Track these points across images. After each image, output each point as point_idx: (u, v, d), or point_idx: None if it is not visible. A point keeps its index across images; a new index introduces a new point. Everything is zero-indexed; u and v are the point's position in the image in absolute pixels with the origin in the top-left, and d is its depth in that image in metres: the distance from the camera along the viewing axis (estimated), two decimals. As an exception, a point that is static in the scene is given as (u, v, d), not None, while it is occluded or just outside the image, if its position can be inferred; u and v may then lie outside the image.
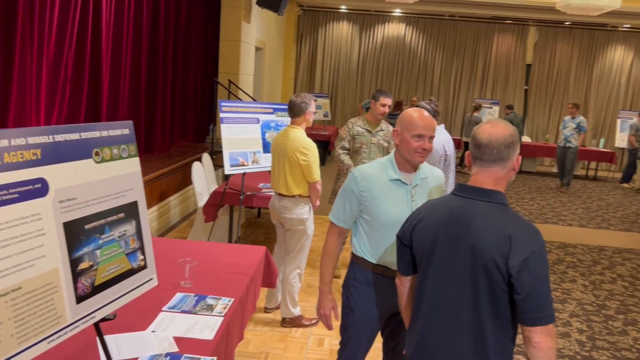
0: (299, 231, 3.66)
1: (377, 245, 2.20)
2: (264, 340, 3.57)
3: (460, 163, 11.70)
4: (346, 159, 4.50)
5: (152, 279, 1.89)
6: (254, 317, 3.85)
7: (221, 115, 4.60)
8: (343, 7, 13.50)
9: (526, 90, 14.05)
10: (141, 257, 1.82)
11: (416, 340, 1.75)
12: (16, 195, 1.33)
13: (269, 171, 4.44)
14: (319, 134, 10.58)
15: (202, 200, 5.08)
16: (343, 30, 13.95)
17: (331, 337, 3.62)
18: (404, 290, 1.92)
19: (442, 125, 3.84)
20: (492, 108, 12.71)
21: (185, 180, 6.37)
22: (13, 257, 1.32)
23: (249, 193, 4.68)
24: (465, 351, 1.62)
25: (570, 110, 9.83)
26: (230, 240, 4.90)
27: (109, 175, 1.68)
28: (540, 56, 13.81)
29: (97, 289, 1.60)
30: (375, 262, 2.21)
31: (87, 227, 1.56)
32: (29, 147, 1.38)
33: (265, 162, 4.80)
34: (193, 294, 2.35)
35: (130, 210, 1.76)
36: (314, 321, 3.79)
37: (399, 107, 10.79)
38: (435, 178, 2.27)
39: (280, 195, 3.68)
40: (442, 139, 3.70)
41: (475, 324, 1.60)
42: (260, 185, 5.04)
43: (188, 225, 6.10)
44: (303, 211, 3.64)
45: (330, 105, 13.11)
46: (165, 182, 5.83)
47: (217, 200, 4.67)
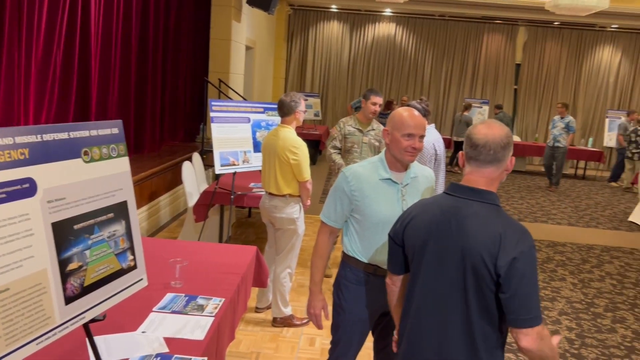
0: (289, 230, 3.66)
1: (368, 245, 2.20)
2: (255, 340, 3.56)
3: (450, 162, 11.74)
4: (337, 159, 4.50)
5: (142, 279, 1.88)
6: (245, 317, 3.85)
7: (211, 114, 4.58)
8: (333, 6, 13.51)
9: (516, 89, 14.14)
10: (131, 257, 1.81)
11: (407, 339, 1.76)
12: (4, 196, 1.32)
13: (260, 171, 4.43)
14: (310, 133, 10.58)
15: (192, 200, 5.06)
16: (334, 29, 13.95)
17: (322, 337, 3.62)
18: (395, 289, 1.92)
19: (433, 125, 3.85)
20: (482, 107, 12.77)
21: (175, 180, 6.34)
22: (1, 258, 1.30)
23: (239, 193, 4.67)
24: (455, 350, 1.63)
25: (560, 110, 9.89)
26: (220, 240, 4.89)
27: (98, 175, 1.67)
28: (530, 56, 13.90)
29: (86, 290, 1.59)
30: (366, 262, 2.22)
31: (76, 227, 1.55)
32: (17, 147, 1.37)
33: (256, 161, 4.79)
34: (183, 294, 2.34)
35: (119, 210, 1.75)
36: (305, 321, 3.79)
37: (389, 106, 10.81)
38: (425, 177, 2.27)
39: (270, 194, 3.68)
40: (433, 139, 3.71)
41: (465, 323, 1.61)
42: (251, 184, 5.03)
43: (178, 225, 6.07)
44: (293, 210, 3.64)
45: (321, 105, 13.12)
46: (155, 181, 5.80)
47: (207, 200, 4.66)
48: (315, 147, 10.83)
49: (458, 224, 1.61)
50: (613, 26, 13.21)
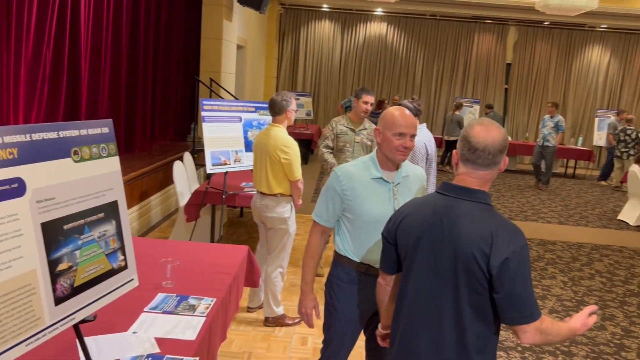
0: (280, 230, 3.65)
1: (360, 244, 2.20)
2: (247, 339, 3.55)
3: (441, 161, 11.78)
4: (330, 158, 4.50)
5: (132, 279, 1.87)
6: (236, 317, 3.84)
7: (203, 113, 4.57)
8: (325, 5, 13.50)
9: (506, 89, 14.21)
10: (121, 257, 1.80)
11: (399, 338, 1.76)
12: (-8, 196, 1.31)
13: (252, 170, 4.42)
14: (302, 132, 10.57)
15: (183, 200, 5.04)
16: (325, 29, 13.95)
17: (314, 336, 3.62)
18: (388, 289, 1.92)
19: (424, 124, 3.86)
20: (472, 107, 12.82)
21: (166, 180, 6.31)
22: (-11, 259, 1.29)
23: (231, 192, 4.66)
24: (448, 350, 1.63)
25: (550, 109, 9.95)
26: (212, 240, 4.87)
27: (88, 174, 1.65)
28: (520, 55, 13.97)
29: (76, 290, 1.58)
30: (358, 261, 2.22)
31: (66, 227, 1.54)
32: (5, 146, 1.35)
33: (248, 161, 4.78)
34: (175, 294, 2.33)
35: (110, 210, 1.74)
36: (297, 320, 3.78)
37: (381, 105, 10.83)
38: (417, 176, 2.28)
39: (261, 194, 3.67)
40: (424, 138, 3.72)
41: (457, 323, 1.61)
42: (243, 184, 5.02)
43: (169, 225, 6.05)
44: (284, 210, 3.63)
45: (313, 104, 13.11)
46: (146, 181, 5.77)
47: (198, 200, 4.64)
48: (307, 146, 10.83)
49: (450, 224, 1.61)
50: (602, 26, 13.31)
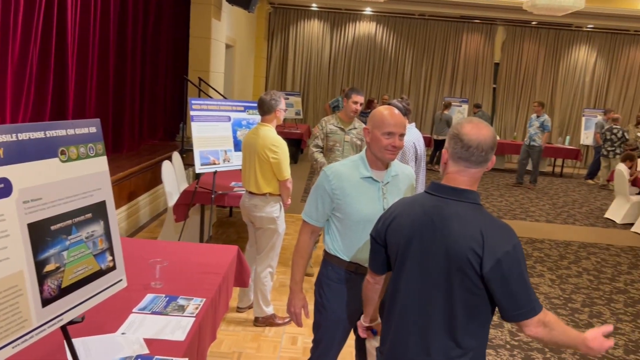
0: (269, 230, 3.65)
1: (349, 243, 2.21)
2: (236, 339, 3.54)
3: (430, 161, 11.82)
4: (320, 157, 4.50)
5: (121, 280, 1.86)
6: (226, 317, 3.83)
7: (191, 113, 4.55)
8: (314, 5, 13.50)
9: (494, 88, 14.30)
10: (110, 258, 1.79)
11: (391, 339, 1.75)
12: (-22, 196, 1.29)
13: (241, 170, 4.41)
14: (291, 132, 10.56)
15: (172, 200, 5.01)
16: (314, 28, 13.94)
17: (304, 336, 3.62)
18: (377, 287, 1.92)
19: (413, 124, 3.87)
20: (461, 106, 12.89)
21: (155, 180, 6.28)
22: (-25, 260, 1.28)
23: (220, 192, 4.64)
24: (438, 351, 1.63)
25: (536, 108, 10.01)
26: (201, 240, 4.85)
27: (76, 174, 1.64)
28: (508, 55, 14.06)
29: (64, 292, 1.57)
30: (348, 260, 2.22)
31: (53, 228, 1.52)
32: (-9, 146, 1.34)
33: (237, 160, 4.76)
34: (164, 295, 2.32)
35: (98, 211, 1.73)
36: (287, 320, 3.78)
37: (370, 105, 10.85)
38: (406, 175, 2.29)
39: (250, 193, 3.66)
40: (413, 137, 3.74)
41: (448, 324, 1.61)
42: (232, 184, 5.00)
43: (158, 225, 6.01)
44: (273, 209, 3.63)
45: (302, 104, 13.11)
46: (134, 181, 5.73)
47: (187, 200, 4.62)
48: (297, 145, 10.82)
49: (441, 225, 1.61)
50: (589, 26, 13.43)
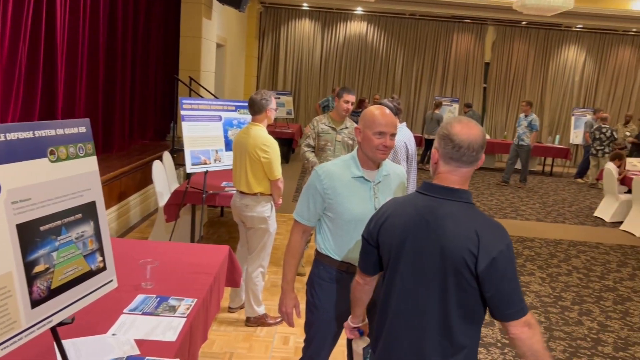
0: (260, 229, 3.64)
1: (341, 243, 2.21)
2: (228, 340, 3.54)
3: (421, 160, 11.85)
4: (311, 157, 4.50)
5: (111, 280, 1.85)
6: (218, 317, 3.82)
7: (182, 112, 4.53)
8: (305, 4, 13.49)
9: (485, 88, 14.37)
10: (100, 258, 1.78)
11: (384, 340, 1.75)
12: (-35, 197, 1.28)
13: (232, 169, 4.39)
14: (283, 131, 10.55)
15: (163, 200, 4.99)
16: (305, 27, 13.93)
17: (296, 335, 3.62)
18: (367, 288, 1.91)
19: (404, 124, 3.88)
20: (452, 106, 12.95)
21: (145, 180, 6.24)
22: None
23: (211, 192, 4.63)
24: (432, 351, 1.64)
25: (524, 108, 10.07)
26: (192, 240, 4.84)
27: (65, 174, 1.63)
28: (498, 55, 14.13)
29: (53, 293, 1.55)
30: (339, 260, 2.22)
31: (42, 228, 1.51)
32: (-21, 147, 1.33)
33: (228, 160, 4.75)
34: (155, 295, 2.30)
35: (88, 211, 1.72)
36: (279, 320, 3.78)
37: (361, 104, 10.86)
38: (397, 175, 2.29)
39: (241, 193, 3.65)
40: (404, 137, 3.74)
41: (443, 323, 1.62)
42: (223, 183, 4.99)
43: (149, 226, 5.98)
44: (265, 209, 3.62)
45: (294, 103, 13.09)
46: (124, 181, 5.70)
47: (178, 200, 4.60)
48: (288, 145, 10.81)
49: (436, 224, 1.61)
50: (578, 26, 13.53)
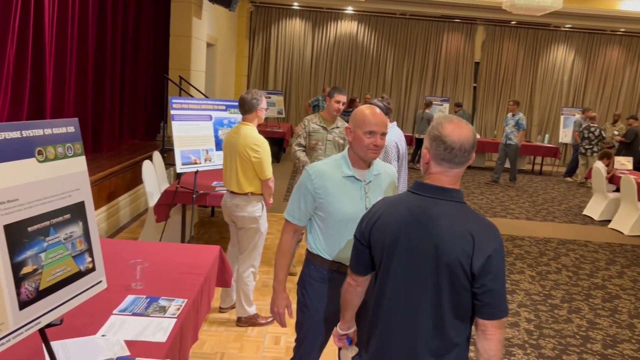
0: (251, 229, 3.63)
1: (332, 242, 2.21)
2: (219, 340, 3.53)
3: (412, 159, 11.89)
4: (302, 156, 4.50)
5: (101, 281, 1.84)
6: (208, 318, 3.80)
7: (172, 112, 4.51)
8: (295, 4, 13.48)
9: (475, 87, 14.43)
10: (89, 259, 1.76)
11: (377, 340, 1.75)
12: (-49, 198, 1.26)
13: (222, 169, 4.38)
14: (274, 131, 10.54)
15: (153, 200, 4.97)
16: (296, 27, 13.92)
17: (287, 335, 3.61)
18: (358, 289, 1.90)
19: (395, 123, 3.88)
20: (442, 105, 13.00)
21: (135, 180, 6.21)
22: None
23: (201, 192, 4.61)
24: (424, 350, 1.64)
25: (511, 107, 10.11)
26: (183, 240, 4.82)
27: (54, 175, 1.61)
28: (488, 54, 14.20)
29: (42, 294, 1.54)
30: (330, 259, 2.22)
31: (30, 229, 1.50)
32: (-35, 147, 1.31)
33: (219, 160, 4.73)
34: (145, 296, 2.29)
35: (76, 211, 1.70)
36: (270, 319, 3.77)
37: (352, 104, 10.87)
38: (388, 174, 2.29)
39: (232, 193, 3.64)
40: (395, 137, 3.74)
41: (436, 322, 1.62)
42: (214, 183, 4.97)
43: (139, 226, 5.95)
44: (255, 209, 3.61)
45: (284, 102, 13.07)
46: (114, 181, 5.67)
47: (168, 200, 4.58)
48: (279, 145, 10.79)
49: (429, 224, 1.61)
50: (567, 26, 13.63)
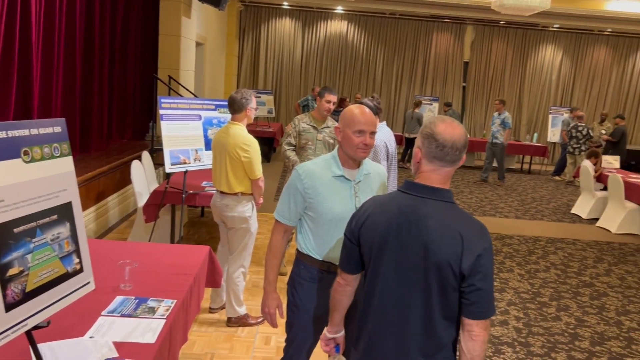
0: (241, 229, 3.62)
1: (322, 242, 2.21)
2: (209, 340, 3.51)
3: (402, 159, 11.92)
4: (292, 155, 4.50)
5: (88, 282, 1.82)
6: (198, 318, 3.79)
7: (161, 112, 4.48)
8: (285, 3, 13.46)
9: (464, 87, 14.50)
10: (76, 260, 1.75)
11: (366, 340, 1.74)
12: None
13: (212, 169, 4.36)
14: (264, 130, 10.52)
15: (142, 200, 4.94)
16: (286, 26, 13.91)
17: (277, 335, 3.61)
18: (348, 289, 1.89)
19: (384, 123, 3.89)
20: (432, 105, 13.04)
21: (124, 180, 6.17)
22: None
23: (191, 192, 4.59)
24: (414, 349, 1.64)
25: (497, 106, 10.15)
26: (172, 241, 4.79)
27: (40, 175, 1.60)
28: (477, 54, 14.28)
29: (28, 296, 1.53)
30: (320, 259, 2.22)
31: (16, 230, 1.48)
32: (-51, 147, 1.29)
33: (208, 159, 4.72)
34: (133, 297, 2.28)
35: (63, 212, 1.69)
36: (260, 320, 3.76)
37: (342, 104, 10.87)
38: (378, 174, 2.29)
39: (222, 193, 3.63)
40: (384, 136, 3.75)
41: (425, 322, 1.62)
42: (204, 183, 4.95)
43: (128, 226, 5.91)
44: (245, 209, 3.60)
45: (275, 102, 13.06)
46: (102, 181, 5.63)
47: (157, 200, 4.56)
48: (270, 144, 10.78)
49: (419, 224, 1.61)
50: (555, 26, 13.73)
